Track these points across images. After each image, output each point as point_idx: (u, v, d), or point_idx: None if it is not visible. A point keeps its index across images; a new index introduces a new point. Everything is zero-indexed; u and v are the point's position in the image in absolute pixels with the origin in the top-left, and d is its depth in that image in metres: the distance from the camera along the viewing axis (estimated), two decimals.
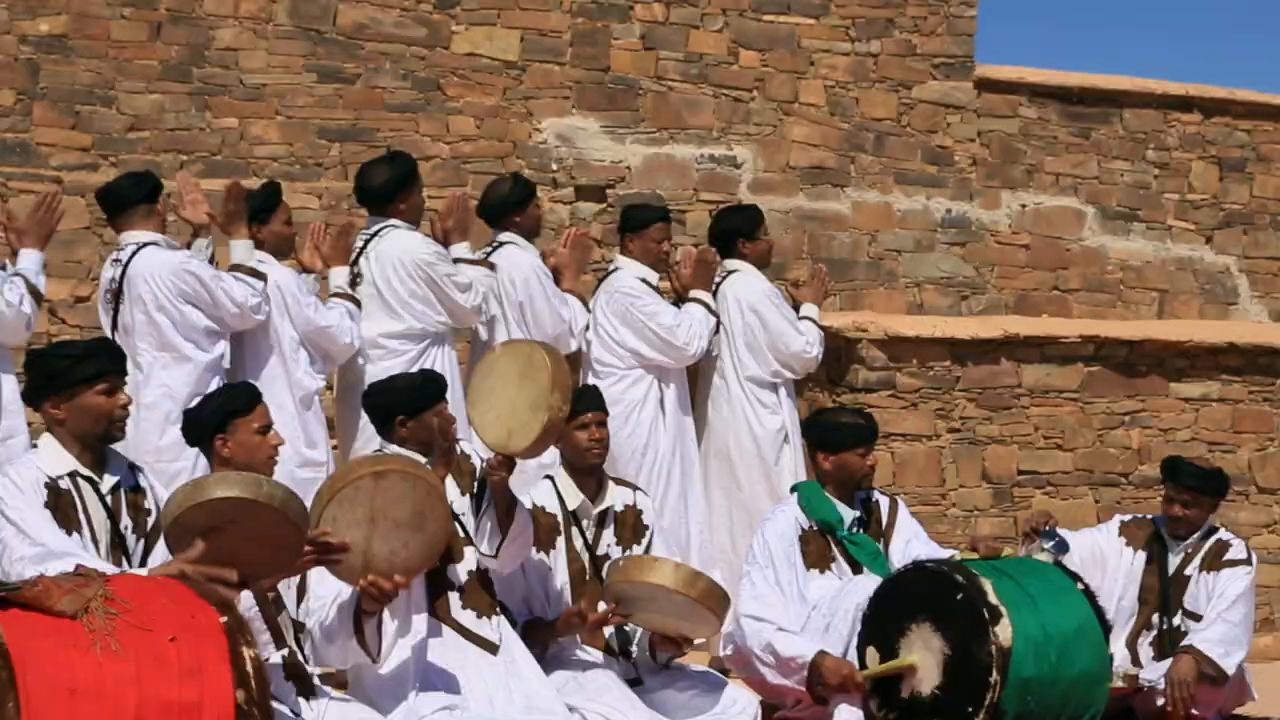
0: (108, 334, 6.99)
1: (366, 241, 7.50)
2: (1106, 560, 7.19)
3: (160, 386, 6.87)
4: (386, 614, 5.38)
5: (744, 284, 8.22)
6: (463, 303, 7.46)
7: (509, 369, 5.78)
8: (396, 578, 5.14)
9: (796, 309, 8.38)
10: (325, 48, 9.23)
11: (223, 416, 5.45)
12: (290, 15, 9.18)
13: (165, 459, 6.64)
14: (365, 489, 5.07)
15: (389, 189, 7.50)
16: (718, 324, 8.07)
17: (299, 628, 5.37)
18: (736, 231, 8.35)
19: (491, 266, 7.67)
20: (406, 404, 6.01)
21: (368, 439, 7.07)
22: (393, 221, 7.53)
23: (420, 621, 5.76)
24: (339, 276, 7.40)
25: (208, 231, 7.24)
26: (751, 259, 8.33)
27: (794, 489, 7.03)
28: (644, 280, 8.05)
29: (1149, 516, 7.41)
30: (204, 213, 7.22)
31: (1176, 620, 7.09)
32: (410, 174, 7.58)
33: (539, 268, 7.85)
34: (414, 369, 6.95)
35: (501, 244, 7.88)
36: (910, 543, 6.84)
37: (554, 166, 9.48)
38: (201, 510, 4.52)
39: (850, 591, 6.52)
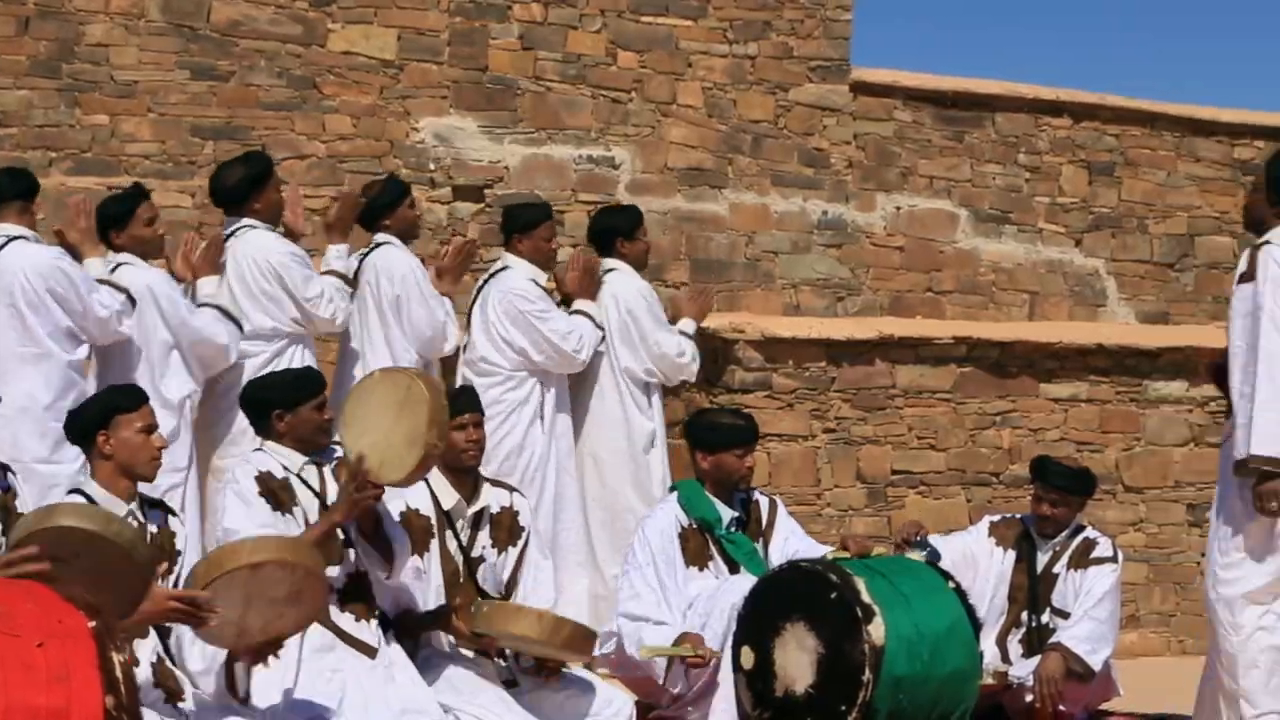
0: None
1: (224, 241, 7.46)
2: (978, 562, 7.27)
3: (18, 384, 6.74)
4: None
5: (620, 283, 8.29)
6: (311, 310, 7.45)
7: (387, 398, 5.68)
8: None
9: (674, 320, 8.46)
10: (198, 44, 9.11)
11: (106, 412, 5.38)
12: (162, 11, 9.05)
13: (23, 457, 6.51)
14: (241, 579, 5.01)
15: (242, 189, 7.47)
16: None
17: (164, 634, 5.31)
18: (615, 231, 8.43)
19: (350, 282, 7.65)
20: (283, 399, 5.95)
21: (230, 440, 7.07)
22: (249, 221, 7.50)
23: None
24: (208, 286, 7.34)
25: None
26: (629, 259, 8.40)
27: (674, 487, 7.08)
28: (534, 281, 8.08)
29: (1018, 516, 7.50)
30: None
31: (1045, 618, 7.19)
32: (264, 173, 7.55)
33: (416, 268, 7.85)
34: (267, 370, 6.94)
35: (378, 244, 7.90)
36: (789, 539, 6.90)
37: (432, 166, 9.44)
38: (47, 536, 4.44)
39: (726, 591, 6.56)
